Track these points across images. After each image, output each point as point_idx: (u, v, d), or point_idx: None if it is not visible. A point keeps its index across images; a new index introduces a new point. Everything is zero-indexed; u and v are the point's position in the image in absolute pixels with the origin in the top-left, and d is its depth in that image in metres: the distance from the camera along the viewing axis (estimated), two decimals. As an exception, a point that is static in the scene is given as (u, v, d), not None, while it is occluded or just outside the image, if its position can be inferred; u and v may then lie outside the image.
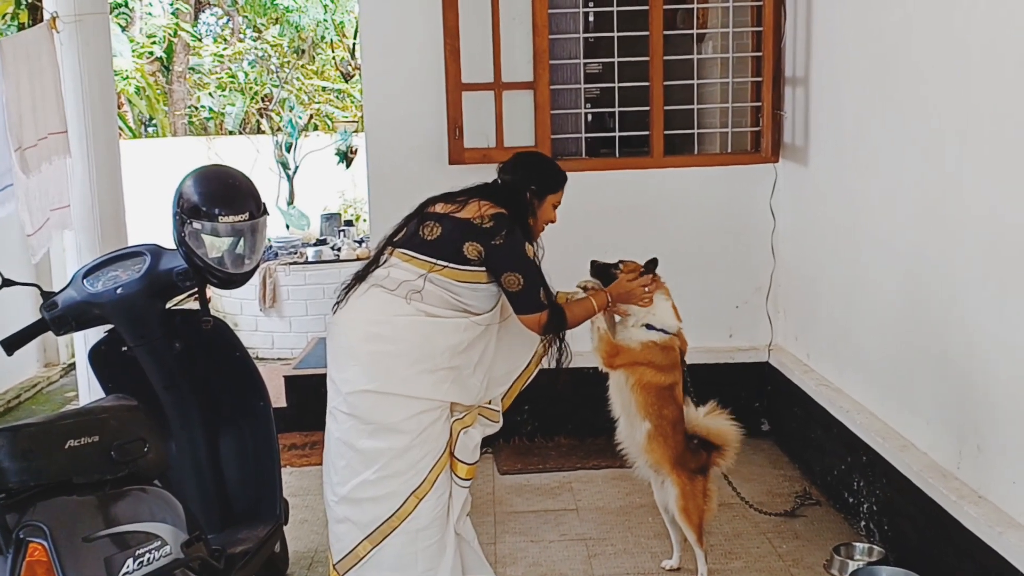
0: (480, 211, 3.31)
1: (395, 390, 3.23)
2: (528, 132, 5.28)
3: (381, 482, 3.25)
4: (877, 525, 4.10)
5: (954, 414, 3.51)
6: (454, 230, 3.29)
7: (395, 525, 3.27)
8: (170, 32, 15.21)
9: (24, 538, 2.28)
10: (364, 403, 3.25)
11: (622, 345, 3.72)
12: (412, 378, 3.24)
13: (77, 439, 2.50)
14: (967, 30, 3.36)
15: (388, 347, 3.25)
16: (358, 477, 3.27)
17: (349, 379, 3.27)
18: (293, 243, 9.17)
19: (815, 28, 4.81)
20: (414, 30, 5.26)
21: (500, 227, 3.29)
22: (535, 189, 3.50)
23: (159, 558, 2.54)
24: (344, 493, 3.30)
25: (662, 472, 3.78)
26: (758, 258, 5.41)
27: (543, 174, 3.56)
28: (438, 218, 3.34)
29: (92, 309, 3.37)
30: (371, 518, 3.28)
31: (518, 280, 3.33)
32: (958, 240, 3.44)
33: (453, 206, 3.36)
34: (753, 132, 5.42)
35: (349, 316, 3.32)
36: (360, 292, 3.33)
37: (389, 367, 3.24)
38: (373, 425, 3.25)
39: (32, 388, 7.11)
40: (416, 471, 3.27)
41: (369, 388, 3.23)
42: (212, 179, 3.38)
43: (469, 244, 3.28)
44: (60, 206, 4.81)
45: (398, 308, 3.26)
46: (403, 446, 3.24)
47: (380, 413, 3.24)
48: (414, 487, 3.27)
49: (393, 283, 3.28)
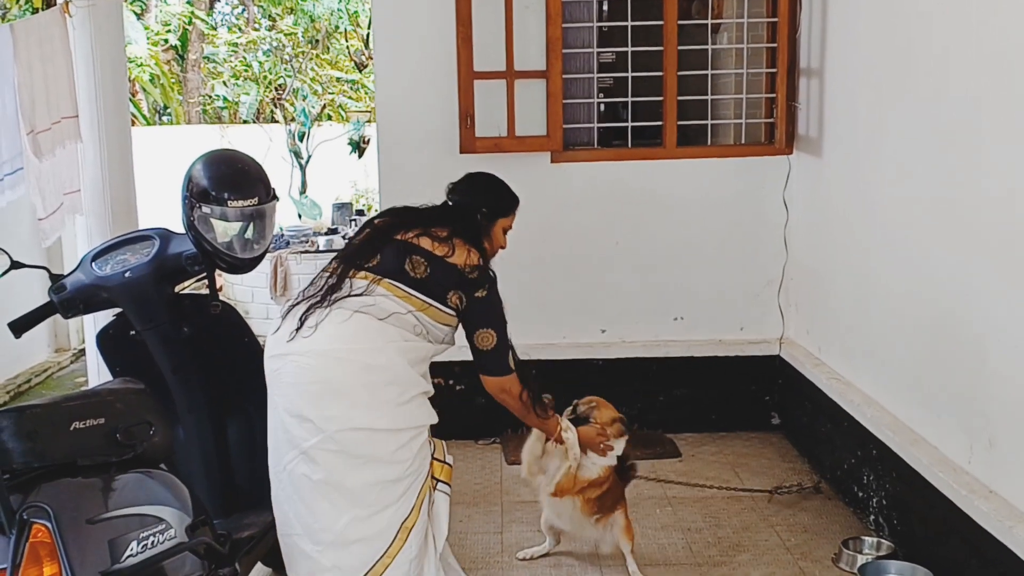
0: (468, 259, 3.18)
1: (389, 424, 3.05)
2: (540, 121, 5.25)
3: (371, 519, 3.07)
4: (886, 519, 4.07)
5: (965, 408, 3.48)
6: (444, 276, 3.16)
7: (388, 563, 3.09)
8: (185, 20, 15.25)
9: (28, 519, 2.27)
10: (357, 439, 3.04)
11: (581, 480, 3.70)
12: (403, 406, 3.09)
13: (82, 421, 2.48)
14: (984, 22, 3.33)
15: (378, 377, 3.06)
16: (347, 515, 3.06)
17: (335, 416, 3.01)
18: (305, 232, 9.19)
19: (830, 19, 4.77)
20: (426, 19, 5.24)
21: (483, 279, 3.19)
22: (485, 212, 3.37)
23: (163, 541, 2.53)
24: (331, 539, 3.07)
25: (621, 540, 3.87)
26: (770, 251, 5.38)
27: (494, 197, 3.44)
28: (426, 256, 3.16)
29: (100, 292, 3.35)
30: (363, 560, 3.08)
31: (492, 337, 3.23)
32: (972, 234, 3.41)
33: (442, 246, 3.18)
34: (767, 123, 5.39)
35: (330, 347, 3.04)
36: (339, 319, 3.06)
37: (381, 398, 3.06)
38: (363, 459, 3.05)
39: (43, 373, 7.14)
40: (405, 499, 3.11)
41: (362, 425, 3.03)
42: (221, 163, 3.37)
43: (453, 293, 3.17)
44: (72, 190, 4.82)
45: (388, 335, 3.08)
46: (394, 477, 3.09)
47: (373, 447, 3.05)
48: (403, 517, 3.11)
49: (382, 312, 3.08)
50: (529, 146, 5.18)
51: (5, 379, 6.80)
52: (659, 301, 5.42)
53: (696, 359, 5.31)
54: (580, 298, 5.39)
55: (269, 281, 8.23)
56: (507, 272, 3.42)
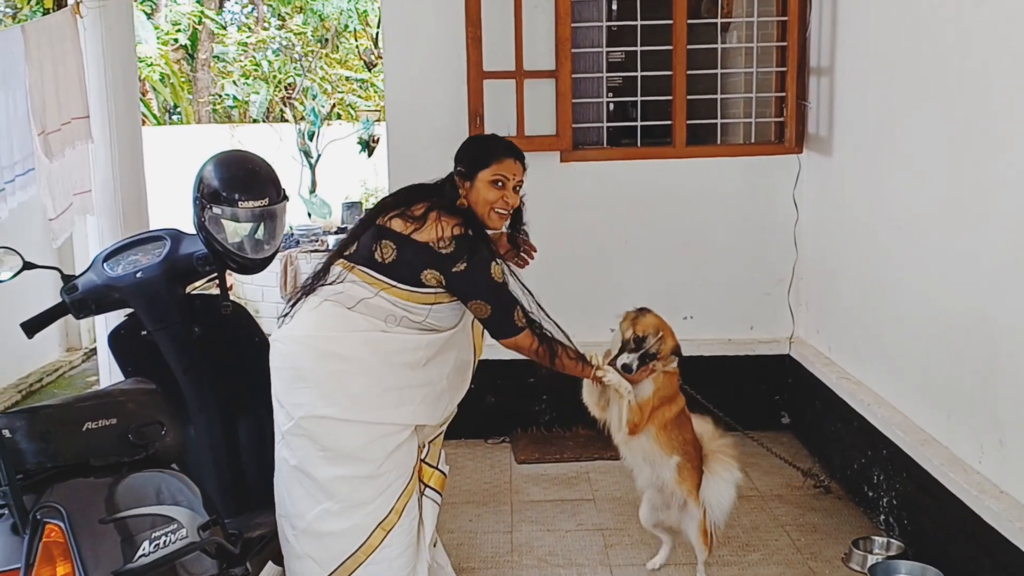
0: (440, 233, 3.01)
1: (355, 416, 3.00)
2: (549, 121, 5.26)
3: (344, 513, 3.04)
4: (897, 519, 4.07)
5: (976, 408, 3.47)
6: (413, 256, 3.03)
7: (361, 560, 3.06)
8: (195, 20, 15.28)
9: (41, 519, 2.28)
10: (320, 429, 3.01)
11: (644, 404, 3.52)
12: (372, 400, 3.02)
13: (95, 421, 2.50)
14: (995, 21, 3.31)
15: (344, 366, 3.01)
16: (319, 506, 3.04)
17: (302, 403, 3.02)
18: (314, 231, 9.20)
19: (841, 18, 4.76)
20: (436, 18, 5.25)
21: (461, 251, 3.01)
22: (462, 171, 3.17)
23: (175, 541, 2.54)
24: (304, 526, 3.07)
25: (688, 498, 3.64)
26: (780, 250, 5.37)
27: (468, 151, 3.23)
28: (395, 238, 3.05)
29: (112, 293, 3.37)
30: (334, 554, 3.06)
31: (485, 308, 3.07)
32: (982, 233, 3.40)
33: (412, 224, 3.05)
34: (777, 122, 5.38)
35: (297, 333, 3.08)
36: (310, 306, 3.09)
37: (347, 389, 3.01)
38: (332, 452, 3.02)
39: (54, 372, 7.17)
40: (383, 499, 3.05)
41: (326, 414, 2.99)
42: (232, 164, 3.37)
43: (427, 272, 3.03)
44: (82, 191, 4.84)
45: (354, 324, 3.03)
46: (366, 474, 3.03)
47: (338, 439, 3.01)
48: (380, 518, 3.05)
49: (350, 300, 3.05)
50: (538, 145, 5.18)
51: (17, 378, 6.83)
52: (669, 300, 5.36)
53: (705, 358, 5.30)
54: (589, 297, 5.39)
55: (279, 280, 8.24)
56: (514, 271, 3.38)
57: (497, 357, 3.74)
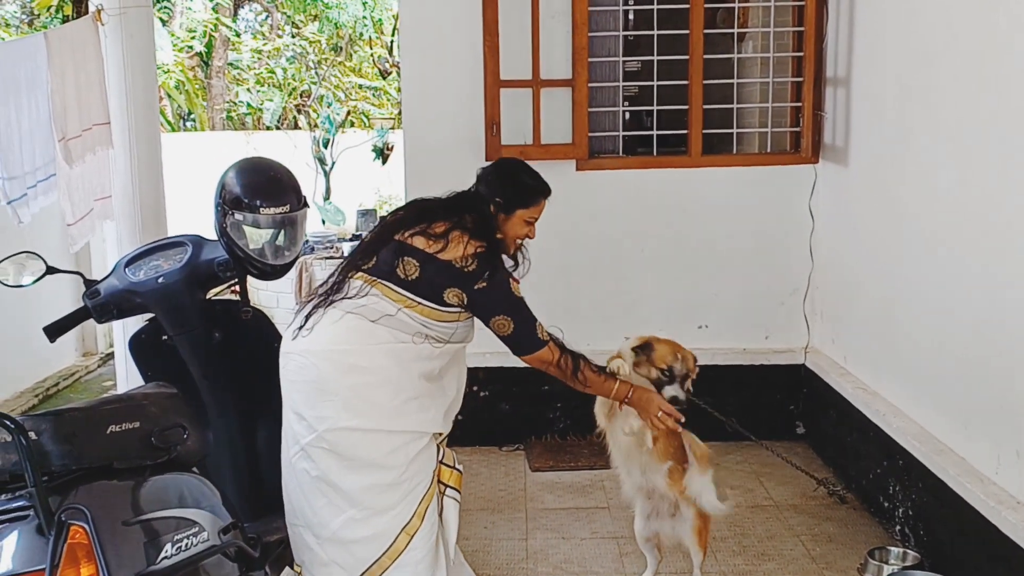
0: (463, 251, 3.07)
1: (379, 426, 3.04)
2: (565, 129, 5.28)
3: (369, 520, 3.07)
4: (912, 530, 4.06)
5: (993, 418, 3.47)
6: (435, 274, 3.07)
7: (387, 565, 3.09)
8: (210, 27, 15.34)
9: (66, 521, 2.30)
10: (346, 440, 3.05)
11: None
12: (396, 410, 3.06)
13: (119, 424, 2.52)
14: (1011, 31, 3.32)
15: (368, 378, 3.06)
16: (343, 515, 3.07)
17: (327, 416, 3.04)
18: (329, 238, 9.21)
19: (857, 28, 4.77)
20: (453, 27, 5.27)
21: (482, 269, 3.07)
22: (500, 202, 3.24)
23: (196, 544, 2.55)
24: (329, 535, 3.10)
25: (679, 498, 3.65)
26: (796, 260, 5.37)
27: (514, 187, 3.28)
28: (418, 256, 3.09)
29: (133, 297, 3.40)
30: (360, 559, 3.09)
31: (508, 323, 3.13)
32: (998, 243, 3.40)
33: (435, 243, 3.09)
34: (793, 132, 5.39)
35: (317, 347, 3.08)
36: (331, 319, 3.09)
37: (372, 400, 3.05)
38: (356, 461, 3.06)
39: (71, 376, 7.20)
40: (405, 504, 3.09)
41: (351, 426, 3.03)
42: (254, 171, 3.40)
43: (450, 291, 3.08)
44: (102, 196, 4.87)
45: (377, 337, 3.07)
46: (390, 481, 3.07)
47: (363, 449, 3.05)
48: (404, 523, 3.09)
49: (374, 313, 3.08)
50: (554, 154, 5.20)
51: (34, 382, 6.86)
52: (684, 309, 5.42)
53: (720, 367, 5.29)
54: (605, 305, 5.40)
55: (294, 287, 8.25)
56: (532, 279, 3.40)
57: (511, 365, 3.74)
